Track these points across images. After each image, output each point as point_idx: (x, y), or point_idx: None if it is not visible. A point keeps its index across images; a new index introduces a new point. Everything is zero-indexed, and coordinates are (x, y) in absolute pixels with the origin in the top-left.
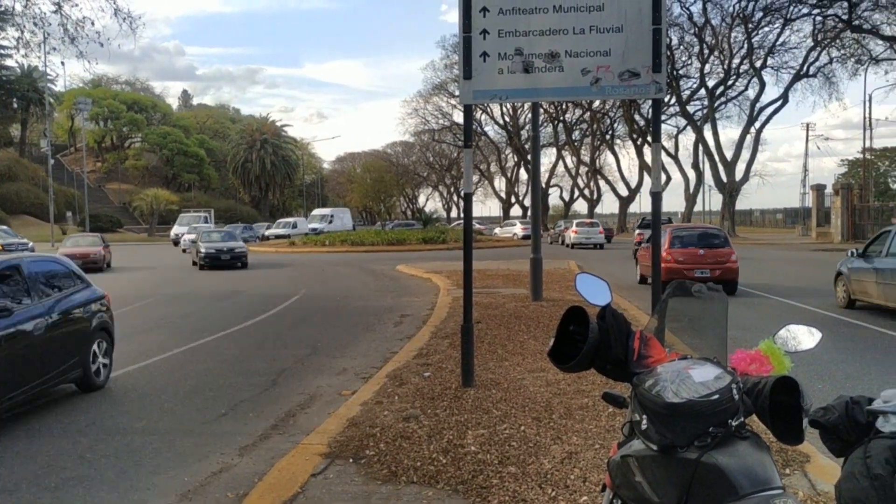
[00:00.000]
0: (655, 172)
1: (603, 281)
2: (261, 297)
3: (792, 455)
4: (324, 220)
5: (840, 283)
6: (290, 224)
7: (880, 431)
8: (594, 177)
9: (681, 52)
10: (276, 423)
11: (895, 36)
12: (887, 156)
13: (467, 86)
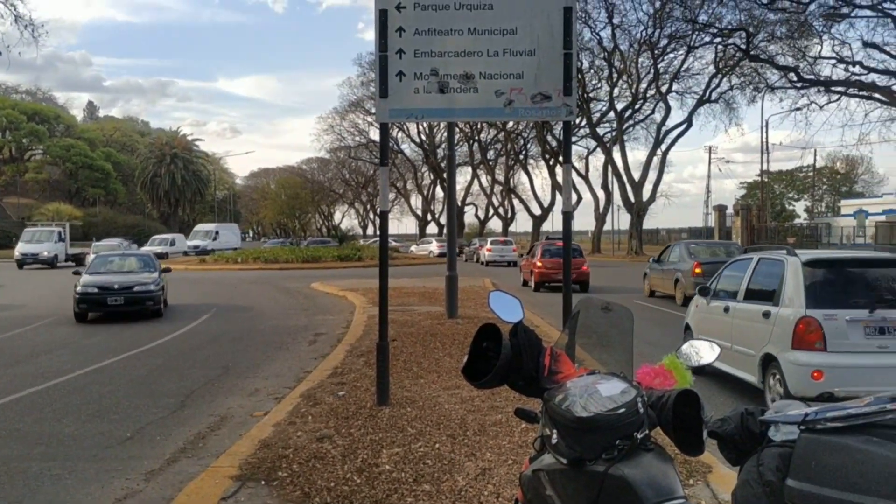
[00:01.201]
0: (566, 192)
1: (515, 298)
2: (169, 316)
3: (695, 466)
4: (208, 237)
5: (646, 280)
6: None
7: (772, 440)
8: (508, 196)
9: (591, 76)
10: (184, 446)
11: (789, 66)
12: (783, 179)
13: (383, 104)
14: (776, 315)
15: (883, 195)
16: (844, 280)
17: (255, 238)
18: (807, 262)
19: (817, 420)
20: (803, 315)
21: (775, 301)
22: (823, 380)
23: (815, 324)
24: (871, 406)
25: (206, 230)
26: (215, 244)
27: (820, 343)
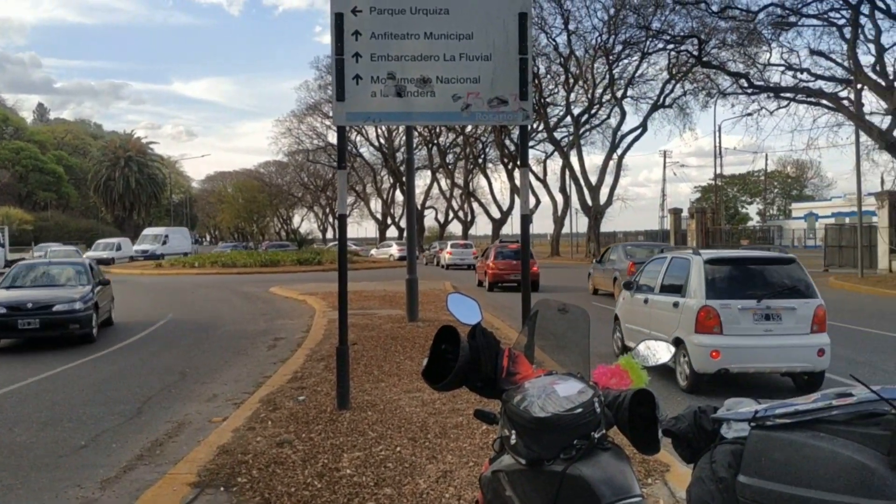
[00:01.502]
0: (523, 196)
1: (473, 300)
2: (124, 321)
3: (653, 465)
4: (157, 241)
5: (590, 279)
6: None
7: (724, 437)
8: (468, 199)
9: (548, 81)
10: (141, 454)
11: (740, 73)
12: (736, 182)
13: (340, 107)
14: (683, 305)
15: (832, 198)
16: (738, 275)
17: (212, 242)
18: (707, 260)
19: (767, 417)
20: (704, 304)
21: (683, 293)
22: (720, 358)
23: (714, 312)
24: (817, 402)
25: (155, 234)
26: (165, 248)
27: (717, 328)
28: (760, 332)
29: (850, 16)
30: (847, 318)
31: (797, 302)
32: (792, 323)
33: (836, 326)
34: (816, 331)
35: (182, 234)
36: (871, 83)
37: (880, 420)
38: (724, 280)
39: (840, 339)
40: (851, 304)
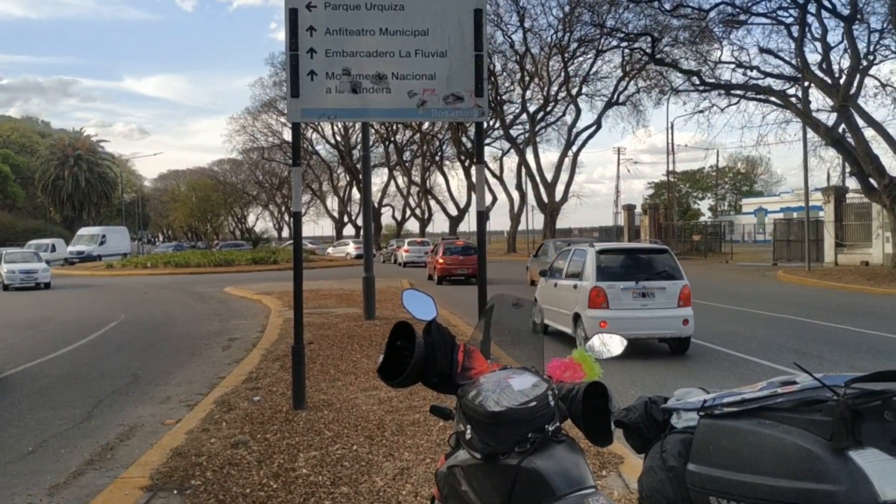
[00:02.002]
0: (479, 192)
1: (428, 296)
2: (73, 324)
3: (608, 457)
4: (93, 242)
5: (527, 272)
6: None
7: (674, 427)
8: (425, 197)
9: (504, 79)
10: (91, 458)
11: (692, 70)
12: (688, 178)
13: (295, 104)
14: (580, 286)
15: (780, 194)
16: (622, 263)
17: (165, 241)
18: (599, 251)
19: (715, 406)
20: (595, 285)
21: (580, 277)
22: (607, 327)
23: (602, 291)
24: (763, 391)
25: (91, 234)
26: (102, 249)
27: (605, 304)
28: (638, 306)
29: (797, 15)
30: (794, 310)
31: (667, 283)
32: (663, 299)
33: (783, 319)
34: (682, 305)
35: (121, 234)
36: (818, 81)
37: (823, 406)
38: (611, 267)
39: (787, 331)
40: (798, 296)
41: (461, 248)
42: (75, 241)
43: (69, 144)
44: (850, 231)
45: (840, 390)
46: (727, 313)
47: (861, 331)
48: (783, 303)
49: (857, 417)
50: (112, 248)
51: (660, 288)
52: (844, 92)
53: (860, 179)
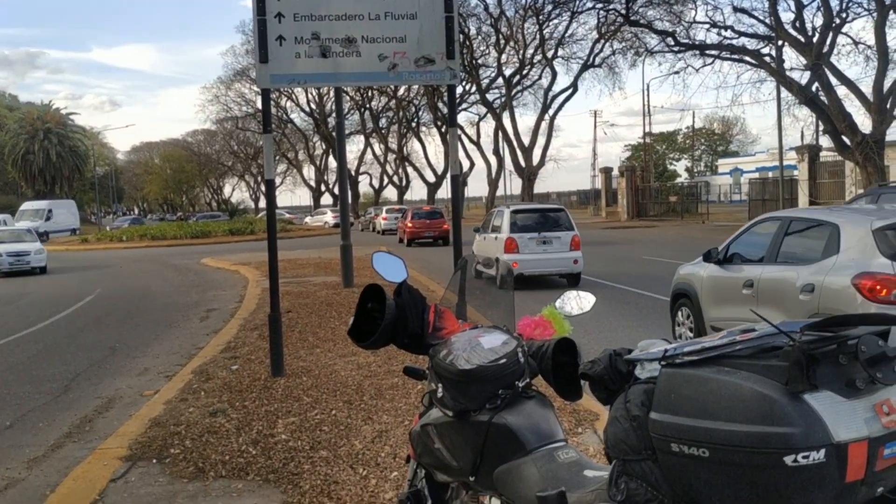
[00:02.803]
0: (453, 156)
1: (399, 258)
2: (49, 298)
3: (583, 415)
4: (38, 217)
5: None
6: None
7: (638, 378)
8: (402, 164)
9: (479, 42)
10: (69, 431)
11: (666, 31)
12: (664, 140)
13: (264, 70)
14: (498, 237)
15: (756, 154)
16: (528, 218)
17: (141, 215)
18: (512, 210)
19: (676, 355)
20: (508, 236)
21: (499, 231)
22: (518, 267)
23: (514, 240)
24: (723, 339)
25: (35, 209)
26: (49, 225)
27: (516, 249)
28: (540, 251)
29: None
30: None
31: (561, 233)
32: (559, 245)
33: None
34: (572, 249)
35: (68, 209)
36: (791, 39)
37: (780, 352)
38: (521, 221)
39: None
40: None
41: (428, 213)
42: (19, 217)
43: (38, 118)
44: (824, 189)
45: (796, 336)
46: None
47: None
48: None
49: (812, 362)
50: (59, 223)
51: (556, 237)
52: (817, 50)
53: (833, 137)
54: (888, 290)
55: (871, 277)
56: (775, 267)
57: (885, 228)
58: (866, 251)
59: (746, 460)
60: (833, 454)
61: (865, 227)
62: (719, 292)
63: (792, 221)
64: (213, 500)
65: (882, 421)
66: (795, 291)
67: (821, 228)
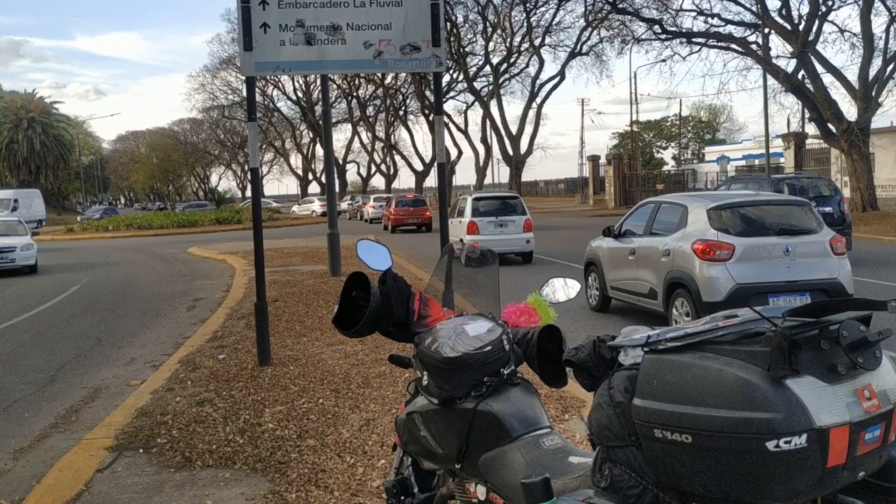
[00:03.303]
0: (440, 144)
1: (383, 246)
2: (34, 288)
3: (570, 402)
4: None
5: None
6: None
7: (621, 364)
8: (390, 152)
9: (466, 30)
10: (55, 422)
11: (654, 18)
12: (651, 128)
13: (248, 57)
14: (462, 220)
15: (742, 141)
16: (487, 205)
17: (127, 205)
18: (474, 198)
19: (659, 342)
20: (470, 220)
21: (462, 215)
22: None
23: (475, 224)
24: (706, 325)
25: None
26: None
27: (477, 231)
28: (497, 233)
29: None
30: None
31: (515, 217)
32: (513, 228)
33: None
34: (525, 231)
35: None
36: (778, 27)
37: (762, 338)
38: (481, 207)
39: None
40: None
41: (411, 201)
42: None
43: (21, 107)
44: None
45: (778, 321)
46: None
47: None
48: None
49: (794, 347)
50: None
51: (511, 221)
52: (804, 38)
53: (819, 125)
54: (712, 251)
55: (703, 243)
56: (649, 238)
57: (715, 209)
58: (703, 225)
59: (729, 446)
60: (815, 439)
61: (703, 208)
62: (614, 259)
63: (661, 204)
64: (201, 489)
65: (863, 406)
66: (659, 255)
67: (677, 209)
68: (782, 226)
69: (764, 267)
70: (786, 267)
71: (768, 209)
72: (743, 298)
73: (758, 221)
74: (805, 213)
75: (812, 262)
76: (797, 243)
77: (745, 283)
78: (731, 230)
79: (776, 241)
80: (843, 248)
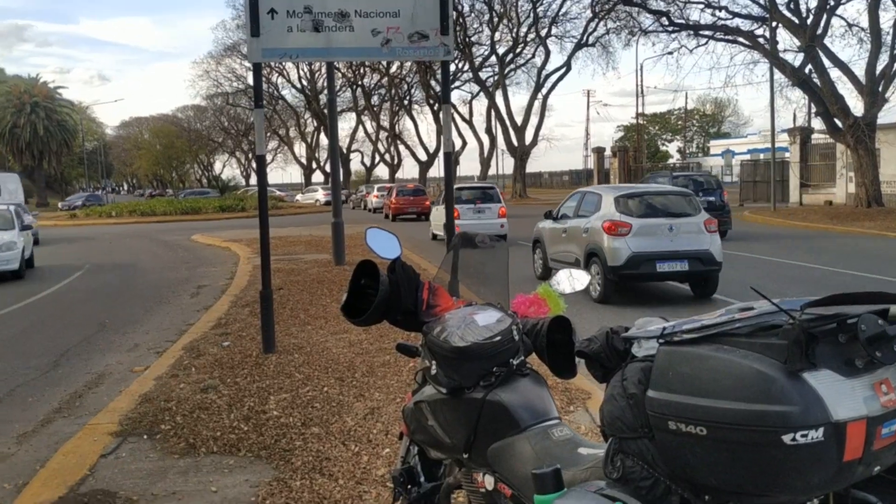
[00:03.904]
0: (446, 133)
1: (392, 235)
2: (37, 274)
3: (575, 393)
4: None
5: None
6: None
7: (634, 356)
8: (394, 142)
9: (472, 20)
10: (59, 407)
11: (661, 10)
12: (657, 121)
13: (255, 43)
14: (440, 208)
15: (748, 135)
16: (469, 193)
17: (129, 192)
18: (456, 187)
19: (674, 333)
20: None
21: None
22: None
23: (457, 209)
24: (722, 317)
25: None
26: None
27: (459, 217)
28: (476, 218)
29: None
30: (756, 249)
31: (491, 205)
32: (490, 214)
33: (744, 257)
34: (500, 217)
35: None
36: (786, 21)
37: (779, 331)
38: (463, 196)
39: (751, 269)
40: (763, 236)
41: (411, 191)
42: None
43: (25, 91)
44: (815, 171)
45: (795, 314)
46: None
47: (821, 268)
48: (747, 241)
49: (811, 340)
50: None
51: (488, 208)
52: (811, 32)
53: (825, 120)
54: (616, 228)
55: (609, 221)
56: (576, 220)
57: (619, 197)
58: (611, 209)
59: (744, 438)
60: (831, 433)
61: (612, 196)
62: (552, 237)
63: (586, 194)
64: (205, 475)
65: (881, 400)
66: (581, 232)
67: (596, 197)
68: (668, 210)
69: (653, 240)
70: (670, 240)
71: (659, 198)
72: (637, 263)
73: (650, 206)
74: (687, 201)
75: (690, 237)
76: (679, 223)
77: (639, 251)
78: (631, 213)
79: (663, 221)
80: (714, 227)
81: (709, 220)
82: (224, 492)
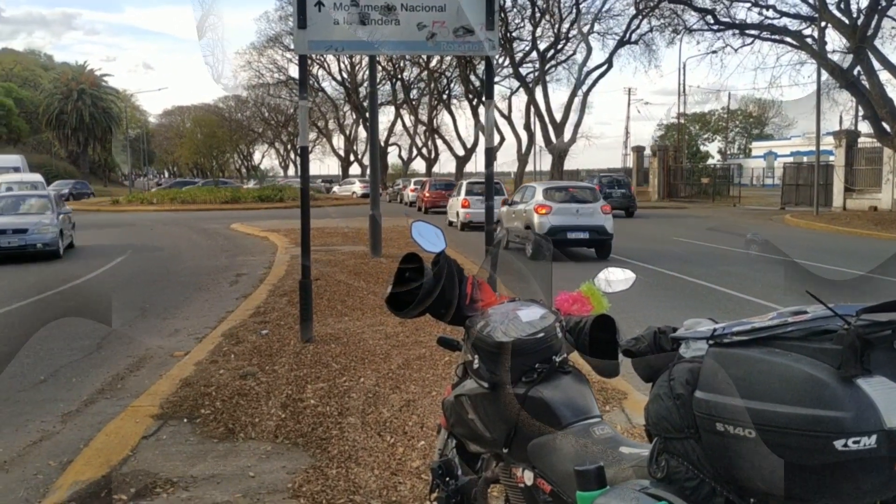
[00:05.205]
0: (488, 129)
1: (438, 228)
2: (81, 258)
3: (611, 393)
4: None
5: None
6: None
7: (682, 357)
8: (432, 136)
9: (514, 15)
10: (102, 388)
11: (706, 8)
12: (698, 120)
13: (302, 35)
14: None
15: (791, 137)
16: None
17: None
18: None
19: (724, 335)
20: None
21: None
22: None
23: (468, 200)
24: (773, 320)
25: None
26: None
27: (469, 207)
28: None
29: None
30: (799, 254)
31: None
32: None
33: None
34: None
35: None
36: (835, 21)
37: (833, 335)
38: (473, 189)
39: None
40: (805, 240)
41: (444, 185)
42: None
43: (73, 78)
44: (861, 176)
45: (851, 319)
46: (732, 256)
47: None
48: (788, 246)
49: (866, 346)
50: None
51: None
52: (861, 33)
53: (873, 123)
54: (542, 209)
55: (538, 205)
56: (521, 205)
57: (546, 189)
58: (540, 197)
59: (795, 443)
60: (884, 440)
61: (542, 189)
62: (508, 216)
63: (527, 187)
64: (243, 460)
65: None
66: (522, 212)
67: (532, 189)
68: (577, 198)
69: (565, 217)
70: (576, 218)
71: (572, 190)
72: (555, 232)
73: (566, 195)
74: (590, 193)
75: (590, 216)
76: (583, 207)
77: (556, 225)
78: (553, 200)
79: (573, 205)
80: (608, 211)
81: (605, 205)
82: (261, 477)
